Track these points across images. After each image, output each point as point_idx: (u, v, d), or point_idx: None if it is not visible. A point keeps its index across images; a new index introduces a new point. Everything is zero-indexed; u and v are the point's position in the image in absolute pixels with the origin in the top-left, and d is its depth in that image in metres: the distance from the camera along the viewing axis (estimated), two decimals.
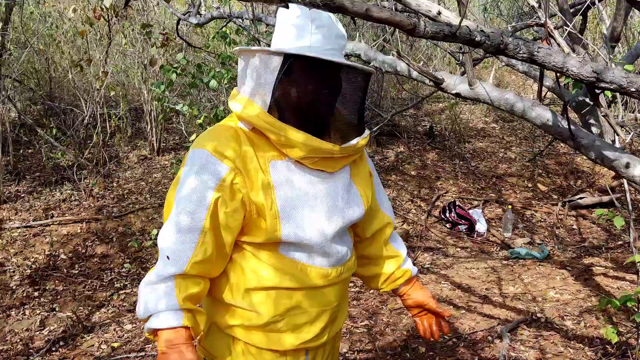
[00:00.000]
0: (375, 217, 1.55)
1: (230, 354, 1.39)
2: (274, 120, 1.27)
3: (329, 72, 1.30)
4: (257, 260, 1.34)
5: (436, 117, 6.98)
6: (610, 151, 1.49)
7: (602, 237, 4.42)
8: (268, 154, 1.31)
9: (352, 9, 1.02)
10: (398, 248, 1.60)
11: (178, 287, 1.26)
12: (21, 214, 4.47)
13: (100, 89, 5.26)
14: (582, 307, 3.12)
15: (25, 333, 3.15)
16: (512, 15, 7.75)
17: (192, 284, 1.28)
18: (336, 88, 1.34)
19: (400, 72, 2.18)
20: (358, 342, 2.93)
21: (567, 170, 5.66)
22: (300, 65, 1.27)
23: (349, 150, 1.36)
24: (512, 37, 1.22)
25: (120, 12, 4.90)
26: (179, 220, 1.26)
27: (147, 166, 5.52)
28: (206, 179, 1.26)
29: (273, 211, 1.28)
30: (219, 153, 1.27)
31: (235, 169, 1.27)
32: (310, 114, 1.31)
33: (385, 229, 1.57)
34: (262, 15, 3.33)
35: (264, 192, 1.28)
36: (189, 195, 1.26)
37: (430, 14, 1.51)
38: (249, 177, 1.28)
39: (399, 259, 1.59)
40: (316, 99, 1.30)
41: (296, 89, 1.30)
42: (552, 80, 2.98)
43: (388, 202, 1.62)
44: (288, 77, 1.28)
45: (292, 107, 1.30)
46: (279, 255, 1.33)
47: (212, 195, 1.26)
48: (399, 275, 1.59)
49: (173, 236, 1.27)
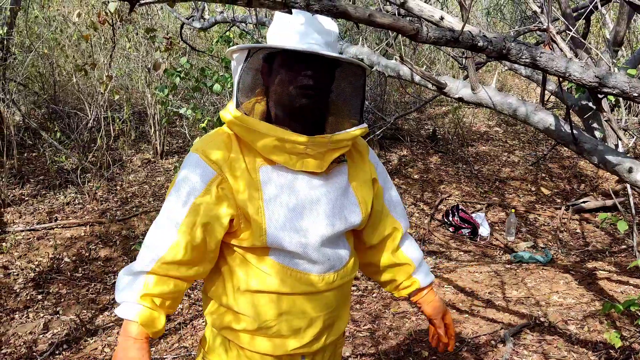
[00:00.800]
0: (382, 222, 1.51)
1: (227, 356, 1.40)
2: (240, 114, 1.28)
3: (300, 63, 1.28)
4: (248, 264, 1.34)
5: (439, 120, 6.98)
6: (613, 156, 1.49)
7: (605, 241, 4.41)
8: (257, 160, 1.31)
9: (355, 14, 1.03)
10: (410, 255, 1.56)
11: (144, 284, 1.29)
12: (25, 217, 4.48)
13: (104, 93, 5.29)
14: (585, 311, 3.11)
15: (29, 336, 3.15)
16: (515, 19, 7.75)
17: (159, 283, 1.30)
18: (310, 79, 1.28)
19: (403, 77, 2.19)
20: (361, 346, 2.93)
21: (570, 174, 5.66)
22: (269, 58, 1.31)
23: (323, 142, 1.29)
24: (515, 42, 1.22)
25: (124, 16, 4.92)
26: (159, 220, 1.31)
27: (151, 169, 5.54)
28: (193, 183, 1.28)
29: (260, 215, 1.28)
30: (208, 157, 1.29)
31: (222, 174, 1.28)
32: (281, 106, 1.31)
33: (394, 235, 1.53)
34: (266, 20, 3.35)
35: (251, 198, 1.28)
36: (174, 196, 1.30)
37: (432, 19, 1.52)
38: (236, 182, 1.28)
39: (409, 268, 1.56)
40: (286, 92, 1.29)
41: (262, 82, 1.33)
42: (555, 84, 2.98)
43: (401, 206, 1.57)
44: (254, 71, 1.32)
45: (261, 101, 1.33)
46: (269, 259, 1.33)
47: (195, 199, 1.28)
48: (407, 285, 1.57)
49: (152, 234, 1.31)
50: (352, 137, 1.35)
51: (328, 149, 1.32)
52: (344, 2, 1.00)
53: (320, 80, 1.30)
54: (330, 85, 1.36)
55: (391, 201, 1.54)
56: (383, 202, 1.52)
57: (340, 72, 1.37)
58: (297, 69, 1.28)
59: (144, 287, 1.29)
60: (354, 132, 1.35)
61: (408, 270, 1.56)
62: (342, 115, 1.38)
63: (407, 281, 1.56)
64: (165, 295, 1.31)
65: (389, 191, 1.54)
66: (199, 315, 3.31)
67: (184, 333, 3.13)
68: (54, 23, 6.36)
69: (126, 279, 1.32)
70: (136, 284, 1.30)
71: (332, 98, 1.38)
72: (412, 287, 1.56)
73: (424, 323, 3.11)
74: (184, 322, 3.23)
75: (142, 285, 1.29)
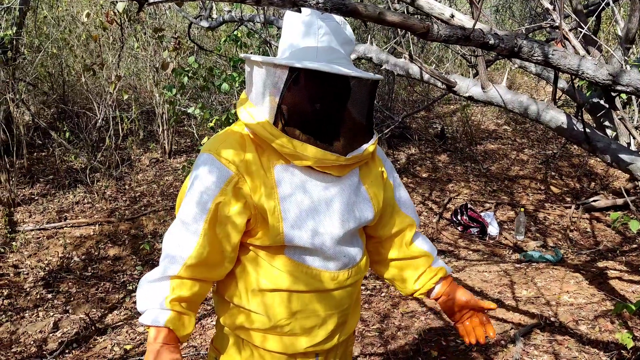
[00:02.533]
0: (393, 218, 1.51)
1: (240, 355, 1.40)
2: (278, 132, 1.27)
3: (335, 82, 1.28)
4: (264, 263, 1.34)
5: (447, 119, 6.95)
6: (627, 154, 1.47)
7: (616, 241, 4.37)
8: (273, 158, 1.31)
9: (365, 12, 1.02)
10: (424, 247, 1.53)
11: (170, 288, 1.29)
12: (35, 217, 4.51)
13: (113, 93, 5.31)
14: (596, 311, 3.08)
15: (39, 335, 3.17)
16: (525, 16, 7.70)
17: (185, 286, 1.30)
18: (343, 98, 1.32)
19: (412, 75, 2.17)
20: (370, 345, 2.92)
21: (580, 172, 5.61)
22: (305, 76, 1.27)
23: (355, 159, 1.34)
24: (526, 39, 1.21)
25: (132, 16, 4.94)
26: (178, 223, 1.30)
27: (159, 169, 5.55)
28: (209, 183, 1.28)
29: (276, 215, 1.28)
30: (224, 157, 1.28)
31: (239, 174, 1.28)
32: (316, 124, 1.30)
33: (406, 231, 1.52)
34: (274, 18, 3.34)
35: (268, 196, 1.28)
36: (191, 198, 1.29)
37: (443, 17, 1.50)
38: (252, 181, 1.28)
39: (428, 258, 1.52)
40: (322, 110, 1.29)
41: (301, 101, 1.29)
42: (566, 82, 2.95)
43: (410, 202, 1.56)
44: (293, 89, 1.28)
45: (297, 118, 1.29)
46: (285, 258, 1.33)
47: (213, 199, 1.27)
48: (432, 275, 1.50)
49: (172, 238, 1.30)
50: (370, 152, 1.38)
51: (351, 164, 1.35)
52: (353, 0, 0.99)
53: (345, 97, 1.32)
54: (351, 100, 1.35)
55: (401, 198, 1.53)
56: (394, 197, 1.51)
57: (362, 86, 1.36)
58: (326, 87, 1.28)
59: (171, 292, 1.28)
60: (373, 146, 1.38)
61: (427, 261, 1.52)
62: (362, 129, 1.38)
63: (430, 271, 1.50)
64: (192, 298, 1.32)
65: (398, 187, 1.54)
66: (207, 315, 3.31)
67: (192, 332, 3.14)
68: (62, 23, 6.39)
69: (149, 287, 1.31)
70: (161, 289, 1.29)
71: (353, 113, 1.37)
72: (439, 275, 1.50)
73: (433, 322, 3.10)
74: None
75: (168, 290, 1.28)
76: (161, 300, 1.28)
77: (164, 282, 1.29)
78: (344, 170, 1.35)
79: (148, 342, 1.29)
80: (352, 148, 1.34)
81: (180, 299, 1.29)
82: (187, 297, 1.30)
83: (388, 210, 1.50)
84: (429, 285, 1.51)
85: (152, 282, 1.31)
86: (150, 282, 1.31)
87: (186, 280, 1.30)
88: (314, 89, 1.28)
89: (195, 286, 1.31)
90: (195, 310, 1.35)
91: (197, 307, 1.36)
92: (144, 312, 1.29)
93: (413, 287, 1.52)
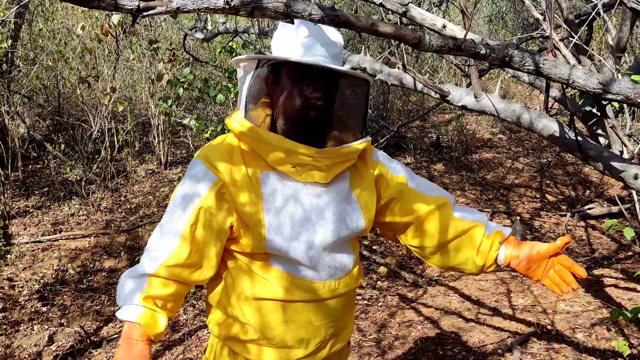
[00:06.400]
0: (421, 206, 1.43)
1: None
2: (250, 125, 1.30)
3: (307, 76, 1.29)
4: (249, 271, 1.35)
5: (442, 128, 6.97)
6: (619, 162, 1.48)
7: (612, 248, 4.38)
8: (260, 165, 1.32)
9: (358, 23, 1.03)
10: (470, 218, 1.42)
11: (147, 286, 1.31)
12: (30, 229, 4.49)
13: (108, 104, 5.31)
14: (593, 319, 3.08)
15: (34, 348, 3.15)
16: (517, 26, 7.77)
17: (161, 285, 1.31)
18: (317, 92, 1.30)
19: (405, 85, 2.19)
20: (367, 355, 2.91)
21: (575, 180, 5.63)
22: (275, 69, 1.31)
23: (330, 155, 1.31)
24: (517, 49, 1.22)
25: (127, 28, 4.96)
26: (162, 223, 1.33)
27: (155, 180, 5.54)
28: (194, 188, 1.30)
29: (259, 222, 1.29)
30: (210, 163, 1.31)
31: (224, 180, 1.30)
32: (289, 118, 1.31)
33: (443, 211, 1.43)
34: (268, 29, 3.36)
35: (252, 203, 1.29)
36: (176, 201, 1.32)
37: (435, 28, 1.52)
38: (236, 187, 1.30)
39: (479, 228, 1.41)
40: (293, 104, 1.30)
41: (269, 93, 1.34)
42: (559, 91, 2.97)
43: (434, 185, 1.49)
44: (262, 82, 1.33)
45: (268, 112, 1.34)
46: (269, 266, 1.34)
47: (197, 203, 1.29)
48: (489, 243, 1.39)
49: (155, 238, 1.33)
50: (358, 151, 1.36)
51: (334, 162, 1.33)
52: (346, 11, 1.00)
53: (327, 93, 1.32)
54: (336, 98, 1.36)
55: (419, 185, 1.47)
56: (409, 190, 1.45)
57: (346, 84, 1.37)
58: (305, 82, 1.29)
59: (147, 290, 1.31)
60: (359, 145, 1.36)
61: (480, 231, 1.41)
62: (347, 128, 1.38)
63: (486, 240, 1.39)
64: (167, 298, 1.33)
65: (413, 178, 1.48)
66: (204, 326, 3.29)
67: (188, 344, 3.12)
68: (58, 35, 6.40)
69: (128, 282, 1.33)
70: (138, 286, 1.31)
71: (338, 111, 1.38)
72: (497, 240, 1.38)
73: (430, 332, 3.09)
74: (188, 333, 3.22)
75: (144, 287, 1.31)
76: (136, 296, 1.30)
77: (142, 279, 1.32)
78: (328, 175, 1.33)
79: (122, 336, 1.32)
80: (330, 144, 1.34)
81: (154, 297, 1.31)
82: (162, 296, 1.31)
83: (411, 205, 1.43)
84: (493, 256, 1.39)
85: (131, 278, 1.33)
86: (129, 278, 1.34)
87: (163, 280, 1.31)
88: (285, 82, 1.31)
89: (171, 286, 1.32)
90: (171, 310, 1.35)
91: (174, 309, 1.36)
92: (121, 307, 1.32)
93: (476, 264, 1.41)
